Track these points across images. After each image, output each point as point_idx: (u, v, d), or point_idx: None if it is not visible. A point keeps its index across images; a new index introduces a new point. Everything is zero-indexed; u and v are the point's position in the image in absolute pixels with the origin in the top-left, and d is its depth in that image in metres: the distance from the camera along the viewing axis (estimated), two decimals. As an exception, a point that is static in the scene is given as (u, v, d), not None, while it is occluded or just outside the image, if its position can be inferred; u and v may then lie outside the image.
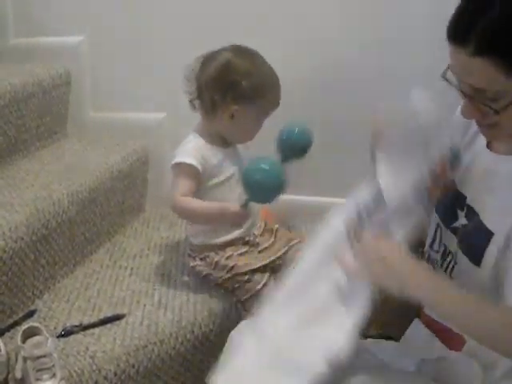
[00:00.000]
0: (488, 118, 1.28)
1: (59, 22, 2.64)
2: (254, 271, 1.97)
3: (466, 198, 1.43)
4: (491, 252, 1.33)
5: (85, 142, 2.59)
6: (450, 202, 1.47)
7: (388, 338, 1.69)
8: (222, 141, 2.02)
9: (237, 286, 1.96)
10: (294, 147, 1.92)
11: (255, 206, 2.00)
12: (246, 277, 1.95)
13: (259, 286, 1.94)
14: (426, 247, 1.55)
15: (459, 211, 1.44)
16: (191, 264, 2.09)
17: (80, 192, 2.14)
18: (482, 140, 1.43)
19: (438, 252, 1.51)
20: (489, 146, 1.41)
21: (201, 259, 2.05)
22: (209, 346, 1.93)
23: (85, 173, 2.25)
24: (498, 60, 1.18)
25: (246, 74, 1.91)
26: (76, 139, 2.63)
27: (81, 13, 2.59)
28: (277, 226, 2.15)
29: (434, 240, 1.52)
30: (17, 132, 2.38)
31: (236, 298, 1.96)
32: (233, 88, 1.91)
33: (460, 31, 1.22)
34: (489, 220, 1.35)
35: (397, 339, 1.62)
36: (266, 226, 2.12)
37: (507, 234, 1.30)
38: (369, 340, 1.61)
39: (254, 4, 2.38)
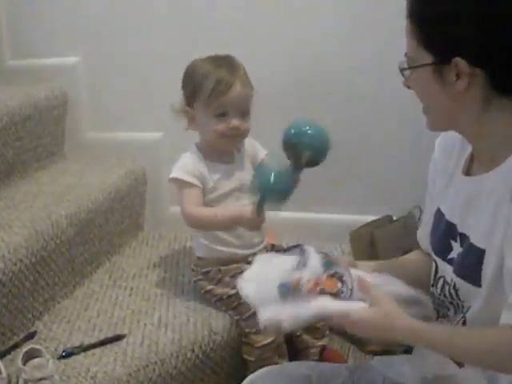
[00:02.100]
0: None
1: (55, 43, 2.66)
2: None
3: (456, 227, 1.45)
4: (487, 269, 1.33)
5: (82, 162, 2.60)
6: (443, 236, 1.49)
7: (388, 353, 1.69)
8: (221, 156, 2.04)
9: (242, 301, 1.94)
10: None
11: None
12: None
13: None
14: (430, 286, 1.56)
15: (453, 242, 1.45)
16: (193, 278, 2.10)
17: (78, 213, 2.14)
18: (460, 171, 1.47)
19: (434, 286, 1.52)
20: (468, 173, 1.45)
21: (202, 273, 2.06)
22: (210, 365, 1.93)
23: (83, 193, 2.26)
24: (414, 26, 1.32)
25: (187, 76, 2.02)
26: (74, 160, 2.65)
27: (76, 34, 2.61)
28: (285, 247, 2.14)
29: (434, 277, 1.53)
30: (15, 154, 2.39)
31: (239, 315, 1.95)
32: (183, 91, 2.03)
33: None
34: (477, 239, 1.36)
35: (396, 353, 1.63)
36: (273, 247, 2.13)
37: (498, 248, 1.31)
38: (375, 358, 1.63)
39: (251, 21, 2.41)
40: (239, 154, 2.09)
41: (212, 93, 1.95)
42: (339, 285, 1.40)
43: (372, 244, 2.15)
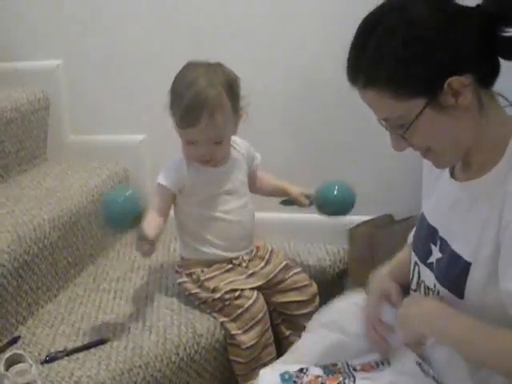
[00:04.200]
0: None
1: (36, 47, 2.64)
2: (242, 288, 1.97)
3: (438, 231, 1.44)
4: (472, 282, 1.32)
5: (65, 165, 2.59)
6: (424, 238, 1.49)
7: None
8: None
9: (227, 303, 1.95)
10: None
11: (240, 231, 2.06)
12: (237, 293, 1.94)
13: (250, 302, 1.94)
14: (411, 286, 1.56)
15: (433, 246, 1.45)
16: (178, 280, 2.10)
17: (61, 216, 2.13)
18: (446, 172, 1.45)
19: (416, 290, 1.52)
20: (452, 175, 1.44)
21: (187, 275, 2.06)
22: (194, 368, 1.93)
23: (66, 197, 2.25)
24: (383, 87, 1.27)
25: (174, 80, 1.95)
26: (56, 163, 2.63)
27: (57, 37, 2.60)
28: (270, 250, 2.14)
29: (412, 278, 1.53)
30: (-4, 157, 2.38)
31: (224, 317, 1.95)
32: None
33: (351, 72, 1.32)
34: (463, 250, 1.34)
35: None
36: (257, 252, 2.12)
37: (484, 263, 1.29)
38: None
39: (231, 23, 2.39)
40: (233, 156, 2.07)
41: (179, 123, 1.91)
42: (341, 378, 1.46)
43: (371, 245, 2.12)
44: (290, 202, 2.17)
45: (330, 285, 2.27)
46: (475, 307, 1.32)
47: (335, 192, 2.08)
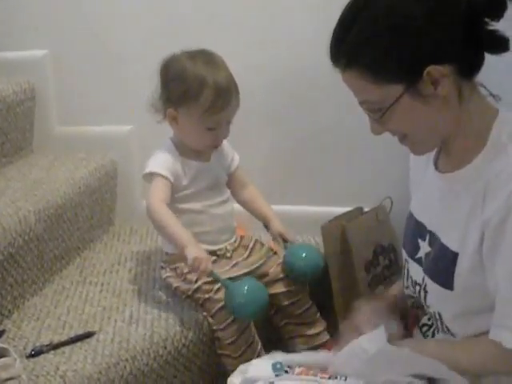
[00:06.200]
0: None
1: (22, 36, 2.61)
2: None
3: (425, 225, 1.44)
4: (460, 272, 1.32)
5: (51, 157, 2.57)
6: (412, 235, 1.49)
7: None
8: (196, 153, 2.00)
9: (207, 296, 1.92)
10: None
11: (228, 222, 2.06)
12: (217, 286, 1.91)
13: None
14: (403, 282, 1.56)
15: (421, 241, 1.45)
16: (163, 276, 2.08)
17: (47, 208, 2.11)
18: (432, 165, 1.45)
19: (408, 287, 1.52)
20: (437, 167, 1.44)
21: (171, 270, 2.04)
22: (182, 361, 1.91)
23: (52, 189, 2.23)
24: (364, 70, 1.27)
25: (176, 76, 1.91)
26: (42, 155, 2.61)
27: (44, 26, 2.57)
28: (254, 240, 2.12)
29: (404, 275, 1.53)
30: (-19, 149, 2.35)
31: (206, 312, 1.93)
32: (165, 90, 1.95)
33: (333, 52, 1.32)
34: (450, 241, 1.35)
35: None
36: (241, 241, 2.10)
37: (471, 252, 1.30)
38: None
39: (224, 13, 2.38)
40: (216, 152, 2.05)
41: (210, 108, 1.88)
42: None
43: (343, 237, 2.13)
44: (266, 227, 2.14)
45: (321, 276, 2.25)
46: (464, 298, 1.34)
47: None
